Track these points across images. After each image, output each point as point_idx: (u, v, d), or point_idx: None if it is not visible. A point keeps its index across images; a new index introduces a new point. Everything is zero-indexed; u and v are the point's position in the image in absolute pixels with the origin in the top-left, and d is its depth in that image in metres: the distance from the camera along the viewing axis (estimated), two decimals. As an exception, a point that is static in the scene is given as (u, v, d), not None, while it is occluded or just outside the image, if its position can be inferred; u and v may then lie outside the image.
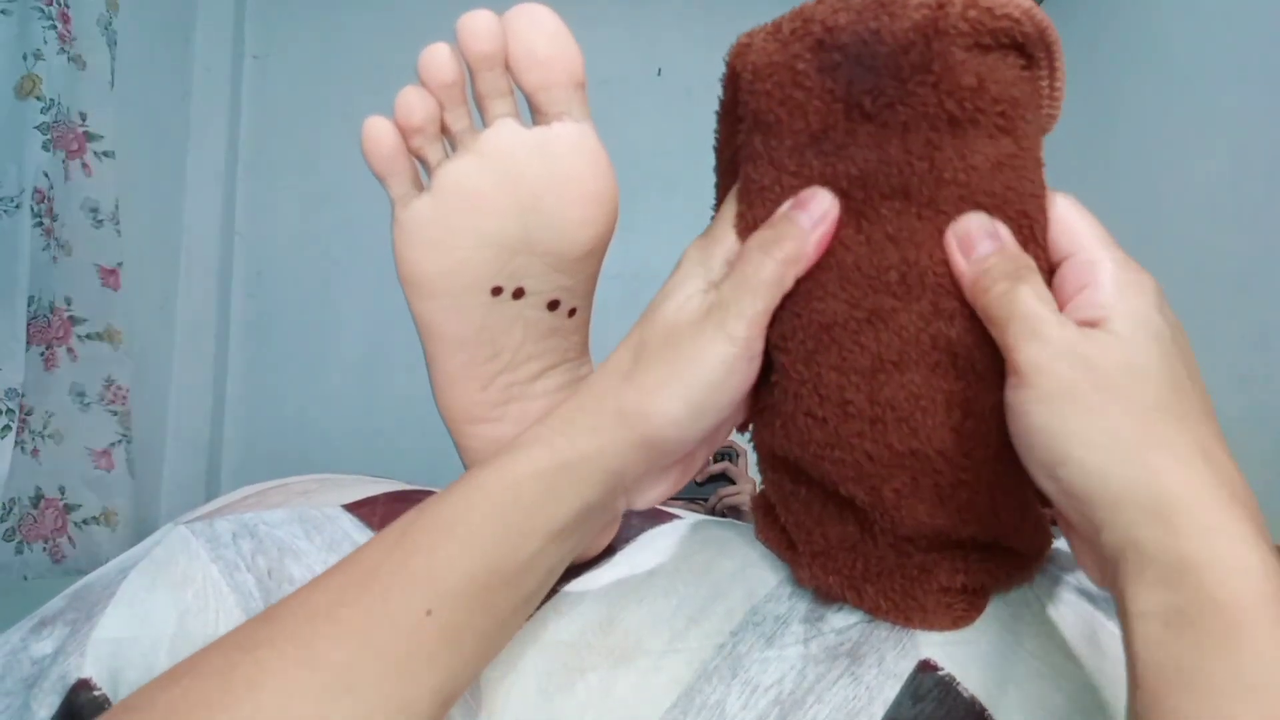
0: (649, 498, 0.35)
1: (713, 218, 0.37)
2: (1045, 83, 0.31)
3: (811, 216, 0.32)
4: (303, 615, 0.29)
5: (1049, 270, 0.32)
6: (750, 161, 0.34)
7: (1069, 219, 0.32)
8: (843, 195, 0.32)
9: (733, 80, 0.34)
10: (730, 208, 0.35)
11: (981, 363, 0.32)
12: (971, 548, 0.36)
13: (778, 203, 0.33)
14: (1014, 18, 0.29)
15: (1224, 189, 1.40)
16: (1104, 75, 1.73)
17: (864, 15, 0.30)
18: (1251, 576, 0.24)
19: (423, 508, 0.31)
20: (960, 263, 0.31)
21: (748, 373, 0.33)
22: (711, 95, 0.35)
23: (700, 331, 0.32)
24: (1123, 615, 0.26)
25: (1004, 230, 0.31)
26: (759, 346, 0.33)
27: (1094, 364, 0.28)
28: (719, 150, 0.37)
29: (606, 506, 0.33)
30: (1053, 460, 0.28)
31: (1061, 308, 0.30)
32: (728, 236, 0.34)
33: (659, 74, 2.00)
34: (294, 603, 0.29)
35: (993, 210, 0.31)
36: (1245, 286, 1.34)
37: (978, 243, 0.31)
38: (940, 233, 0.32)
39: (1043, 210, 0.32)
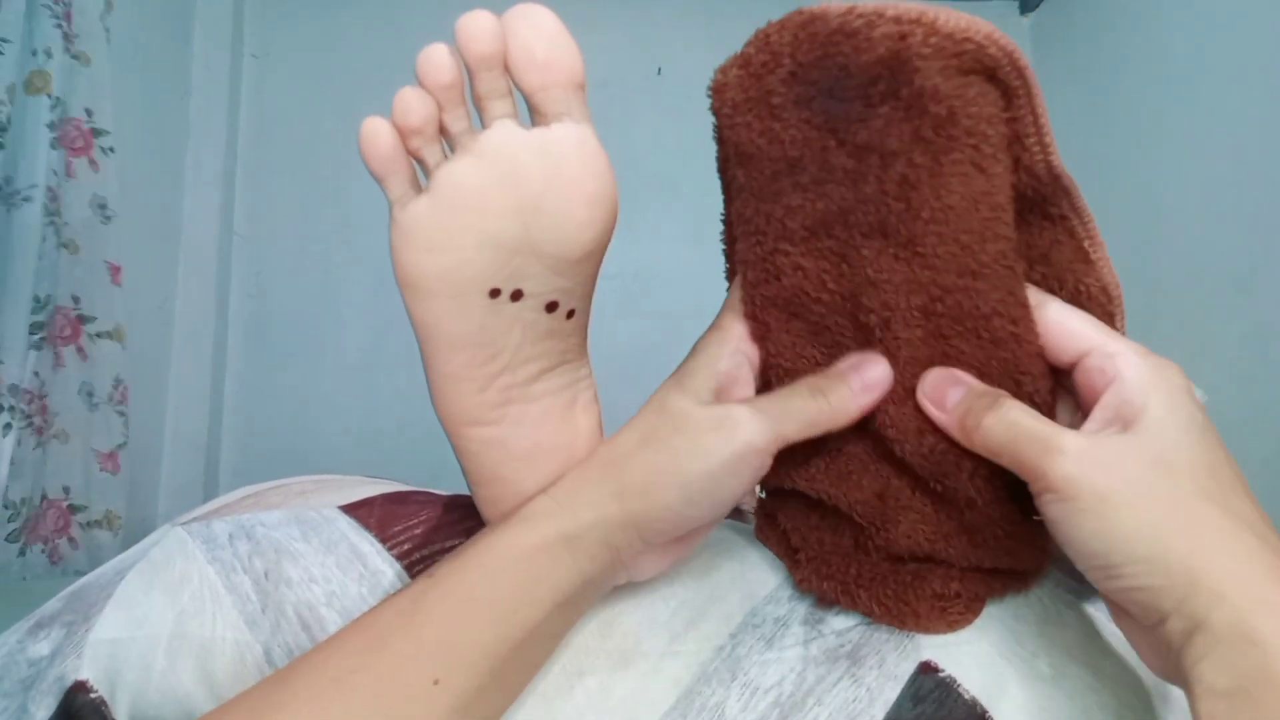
0: (646, 572, 0.36)
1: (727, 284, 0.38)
2: (1026, 113, 0.30)
3: (864, 381, 0.33)
4: (317, 679, 0.30)
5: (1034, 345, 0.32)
6: (737, 196, 0.34)
7: (1068, 321, 0.32)
8: (824, 233, 0.32)
9: (716, 116, 0.34)
10: (736, 293, 0.36)
11: None
12: (969, 557, 0.36)
13: (760, 238, 0.34)
14: (976, 41, 0.29)
15: (1224, 190, 1.40)
16: (1104, 75, 1.73)
17: (830, 48, 0.30)
18: None
19: (436, 576, 0.32)
20: (939, 416, 0.32)
21: (753, 479, 0.33)
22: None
23: (716, 427, 0.32)
24: (1191, 698, 0.26)
25: (966, 375, 0.32)
26: (769, 462, 0.33)
27: (1124, 465, 0.28)
28: (721, 172, 0.37)
29: (605, 580, 0.35)
30: (1111, 564, 0.28)
31: (1089, 407, 0.31)
32: (735, 325, 0.35)
33: (658, 74, 2.00)
34: (310, 664, 0.31)
35: (972, 248, 0.31)
36: (1245, 287, 1.34)
37: (947, 393, 0.32)
38: (917, 275, 0.32)
39: (1018, 255, 0.32)
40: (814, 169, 0.32)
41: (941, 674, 0.34)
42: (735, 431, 0.32)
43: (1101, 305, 0.34)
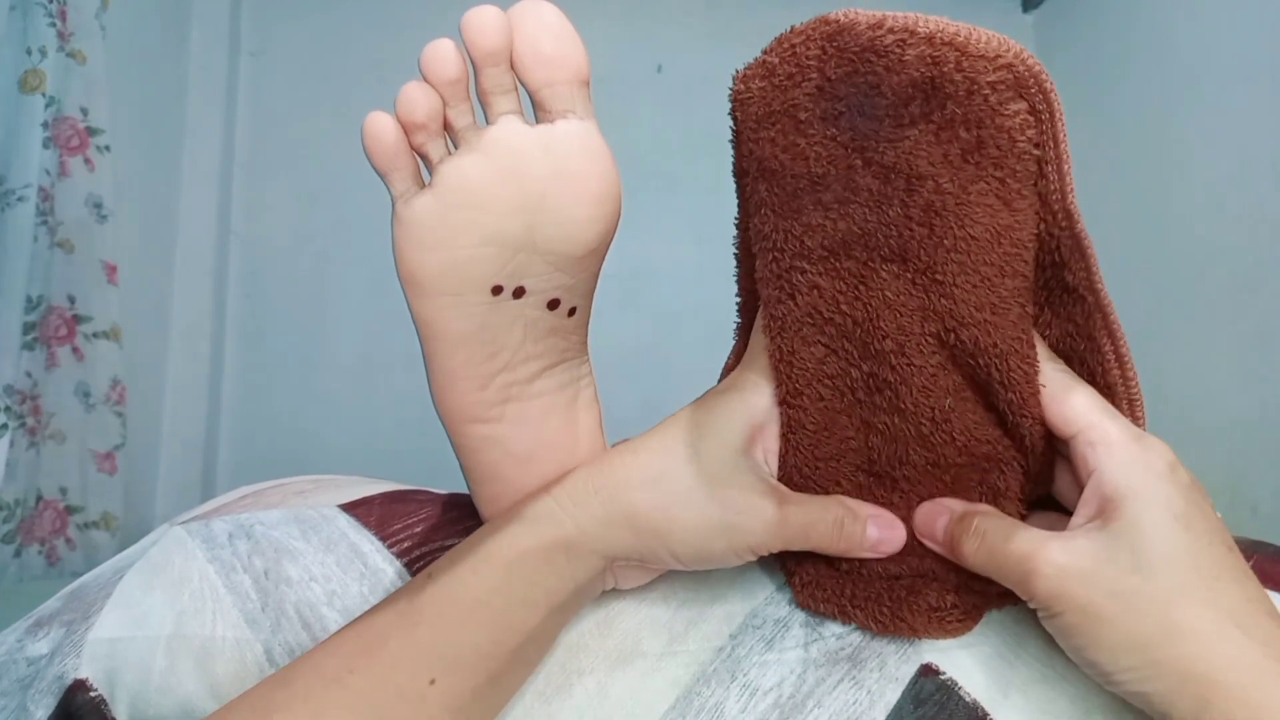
0: (631, 584, 0.37)
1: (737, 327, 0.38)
2: (1048, 139, 0.30)
3: (879, 537, 0.34)
4: (315, 680, 0.30)
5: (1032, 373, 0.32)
6: (756, 212, 0.34)
7: (1066, 396, 0.32)
8: (843, 254, 0.32)
9: (736, 127, 0.33)
10: (759, 319, 0.35)
11: (970, 431, 0.33)
12: (963, 570, 0.36)
13: (778, 255, 0.33)
14: (1006, 62, 0.29)
15: (1229, 188, 1.40)
16: (1107, 73, 1.73)
17: (860, 65, 0.30)
18: None
19: (433, 575, 0.33)
20: (937, 547, 0.34)
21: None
22: (712, 92, 0.35)
23: (747, 511, 0.33)
24: None
25: (948, 501, 0.34)
26: None
27: (1103, 574, 0.29)
28: (738, 182, 0.37)
29: (595, 587, 0.35)
30: (1105, 672, 0.29)
31: (1081, 483, 0.31)
32: (763, 382, 0.35)
33: (659, 71, 2.00)
34: (308, 665, 0.31)
35: (991, 281, 0.31)
36: (1250, 286, 1.34)
37: (937, 522, 0.34)
38: (934, 303, 0.31)
39: (1031, 298, 0.32)
40: (838, 188, 0.31)
41: (943, 676, 0.34)
42: (761, 524, 0.33)
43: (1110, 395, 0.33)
